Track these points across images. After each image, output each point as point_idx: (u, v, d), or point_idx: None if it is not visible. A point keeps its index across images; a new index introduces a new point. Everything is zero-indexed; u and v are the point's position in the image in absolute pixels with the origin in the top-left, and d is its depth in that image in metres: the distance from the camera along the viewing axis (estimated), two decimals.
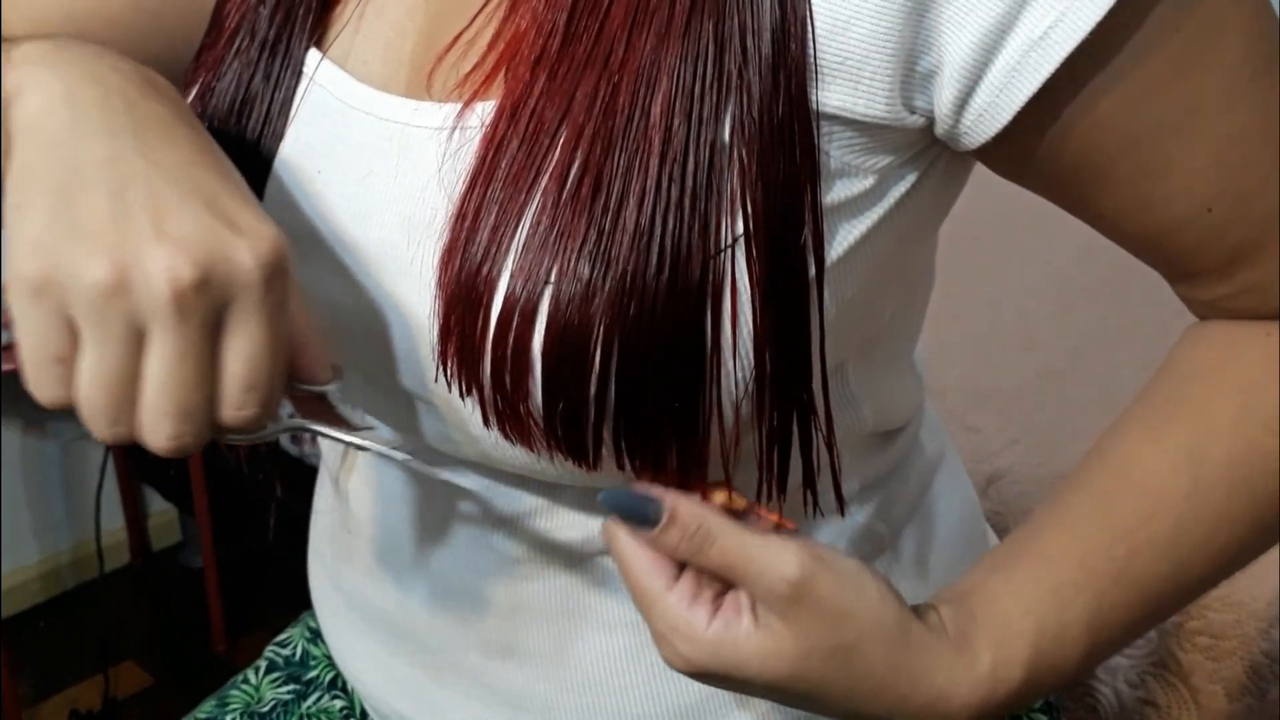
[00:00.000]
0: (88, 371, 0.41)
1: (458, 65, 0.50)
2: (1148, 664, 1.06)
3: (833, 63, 0.44)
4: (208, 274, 0.40)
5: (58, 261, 0.40)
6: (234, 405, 0.43)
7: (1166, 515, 0.50)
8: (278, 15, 0.55)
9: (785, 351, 0.46)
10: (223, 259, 0.41)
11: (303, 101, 0.54)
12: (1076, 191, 0.49)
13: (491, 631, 0.60)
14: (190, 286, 0.40)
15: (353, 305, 0.52)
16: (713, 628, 0.47)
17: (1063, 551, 0.51)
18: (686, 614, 0.47)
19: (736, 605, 0.47)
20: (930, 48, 0.44)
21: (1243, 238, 0.49)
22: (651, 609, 0.48)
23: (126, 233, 0.40)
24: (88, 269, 0.40)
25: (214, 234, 0.41)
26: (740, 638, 0.46)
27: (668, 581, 0.47)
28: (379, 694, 0.68)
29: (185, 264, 0.40)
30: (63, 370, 0.41)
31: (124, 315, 0.40)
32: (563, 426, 0.47)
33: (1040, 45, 0.43)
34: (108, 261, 0.40)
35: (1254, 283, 0.50)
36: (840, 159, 0.46)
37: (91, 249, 0.40)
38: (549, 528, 0.57)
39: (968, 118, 0.45)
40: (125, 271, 0.40)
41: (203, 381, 0.42)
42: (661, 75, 0.44)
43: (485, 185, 0.46)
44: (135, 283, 0.40)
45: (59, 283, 0.40)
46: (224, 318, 0.42)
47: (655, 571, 0.47)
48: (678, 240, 0.44)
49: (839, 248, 0.48)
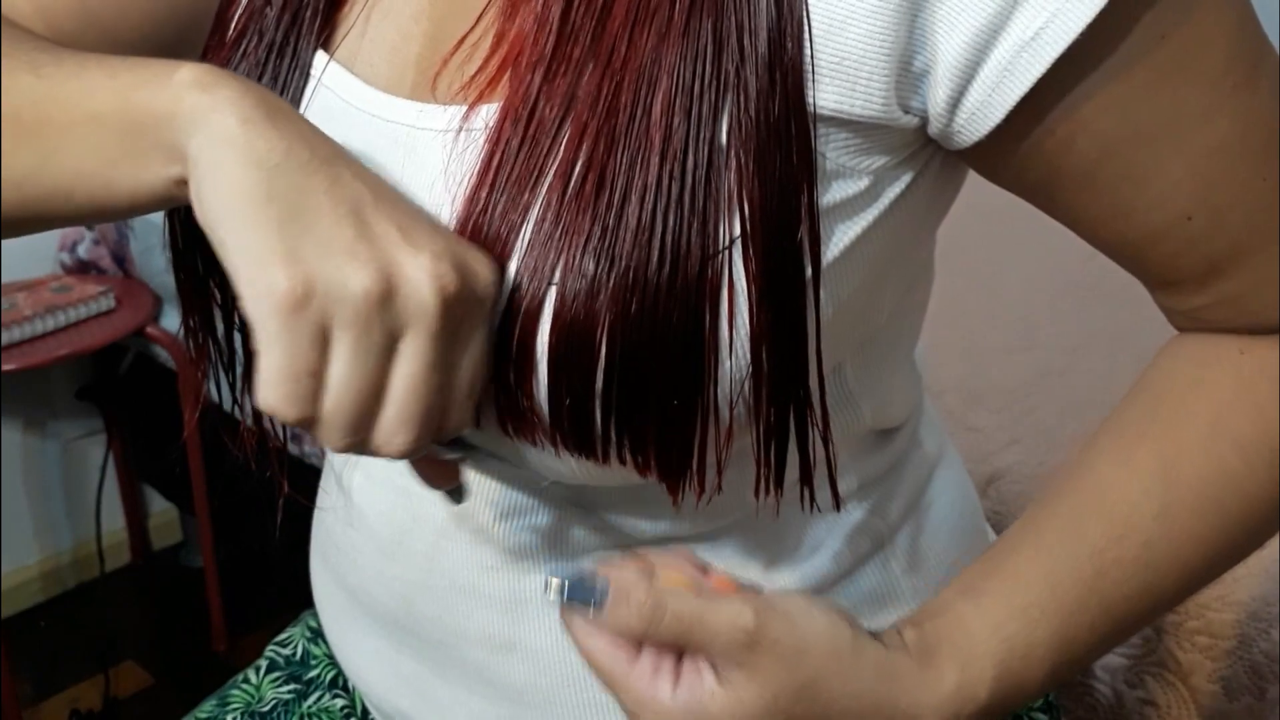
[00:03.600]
0: (341, 383, 0.41)
1: (462, 68, 0.50)
2: (1147, 664, 1.06)
3: (829, 63, 0.44)
4: (464, 283, 0.42)
5: (320, 273, 0.40)
6: (460, 411, 0.44)
7: (1135, 536, 0.51)
8: (284, 17, 0.55)
9: (781, 349, 0.47)
10: (470, 271, 0.43)
11: (310, 103, 0.54)
12: (1059, 196, 0.50)
13: (494, 627, 0.61)
14: (455, 294, 0.42)
15: None
16: (678, 697, 0.47)
17: (1031, 573, 0.51)
18: (650, 689, 0.48)
19: (696, 669, 0.48)
20: (923, 47, 0.44)
21: (1220, 249, 0.49)
22: (619, 690, 0.48)
23: (382, 247, 0.41)
24: (355, 278, 0.40)
25: (456, 249, 0.43)
26: (706, 699, 0.47)
27: (629, 659, 0.48)
28: (381, 691, 0.68)
29: (449, 271, 0.42)
30: (313, 384, 0.41)
31: (387, 324, 0.41)
32: (568, 421, 0.47)
33: (1032, 45, 0.43)
34: (374, 270, 0.41)
35: (1229, 294, 0.51)
36: (836, 160, 0.46)
37: (353, 259, 0.41)
38: (551, 523, 0.58)
39: (960, 116, 0.46)
40: (391, 280, 0.41)
41: (445, 389, 0.43)
42: (662, 74, 0.44)
43: (491, 185, 0.46)
44: (401, 290, 0.41)
45: (322, 294, 0.40)
46: (460, 329, 0.43)
47: (615, 653, 0.48)
48: (677, 237, 0.44)
49: (835, 248, 0.48)
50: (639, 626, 0.47)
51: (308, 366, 0.41)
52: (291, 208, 0.41)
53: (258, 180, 0.42)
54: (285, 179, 0.42)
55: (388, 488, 0.63)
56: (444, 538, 0.61)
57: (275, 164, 0.42)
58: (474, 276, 0.43)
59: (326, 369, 0.42)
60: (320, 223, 0.41)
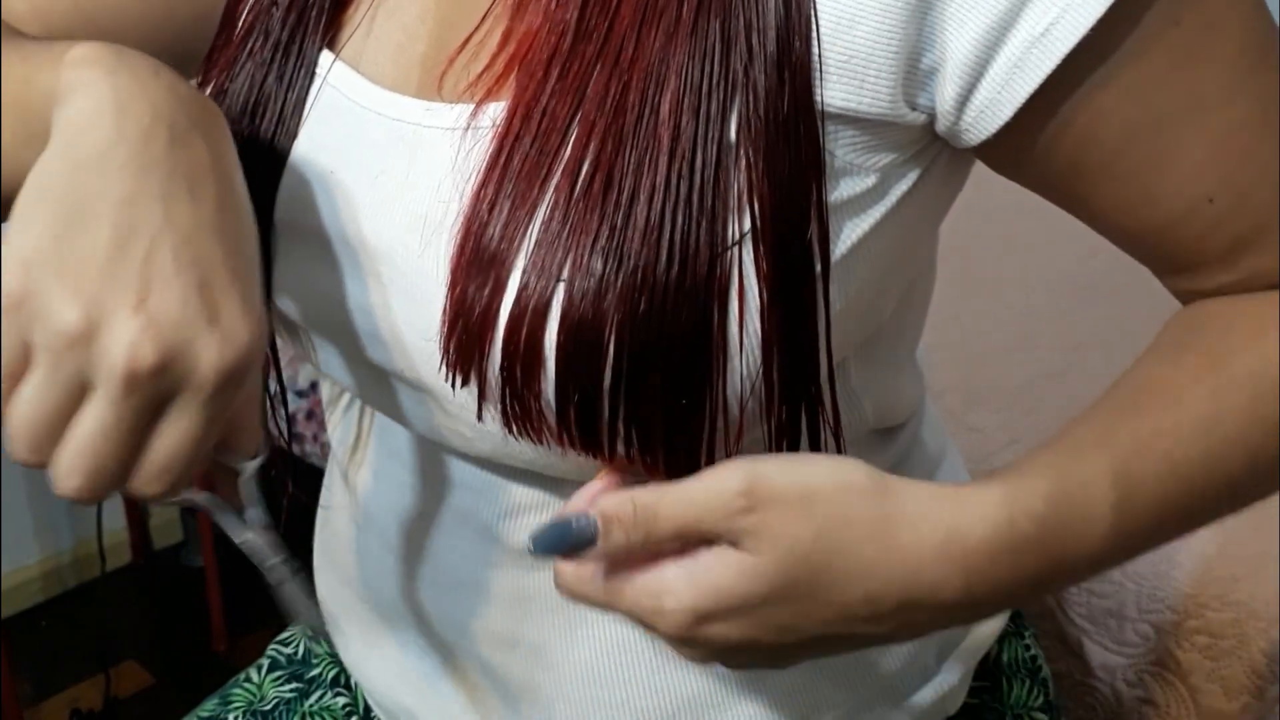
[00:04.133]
0: (25, 397, 0.41)
1: (469, 66, 0.50)
2: (1146, 663, 1.06)
3: (837, 61, 0.45)
4: (167, 363, 0.40)
5: (37, 289, 0.40)
6: (144, 480, 0.43)
7: (1191, 408, 0.48)
8: (290, 16, 0.55)
9: (791, 347, 0.47)
10: (187, 354, 0.40)
11: (315, 102, 0.55)
12: (1078, 188, 0.50)
13: (497, 624, 0.61)
14: (147, 371, 0.40)
15: (365, 303, 0.52)
16: (683, 566, 0.44)
17: (1081, 432, 0.48)
18: (654, 573, 0.45)
19: (706, 551, 0.45)
20: (932, 45, 0.44)
21: (1245, 226, 0.49)
22: (626, 597, 0.46)
23: (112, 287, 0.40)
24: (61, 309, 0.39)
25: (189, 324, 0.40)
26: (712, 563, 0.44)
27: (627, 576, 0.46)
28: (384, 688, 0.68)
29: (149, 346, 0.40)
30: (10, 387, 0.41)
31: (76, 366, 0.40)
32: (576, 420, 0.47)
33: (1042, 42, 0.43)
34: (82, 310, 0.40)
35: (1258, 269, 0.51)
36: (844, 158, 0.47)
37: (73, 291, 0.40)
38: None
39: (969, 114, 0.46)
40: (94, 327, 0.40)
41: (123, 454, 0.42)
42: (670, 73, 0.45)
43: (499, 183, 0.47)
44: (98, 343, 0.40)
45: (30, 309, 0.40)
46: (166, 402, 0.41)
47: (614, 576, 0.46)
48: (687, 236, 0.44)
49: (844, 245, 0.48)
50: (638, 537, 0.44)
51: (8, 369, 0.40)
52: (72, 211, 0.40)
53: (58, 174, 0.41)
54: (83, 180, 0.41)
55: (393, 485, 0.63)
56: (448, 535, 0.61)
57: (83, 161, 0.41)
58: (187, 359, 0.40)
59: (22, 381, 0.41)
60: (84, 238, 0.40)
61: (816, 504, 0.44)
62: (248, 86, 0.55)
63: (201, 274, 0.41)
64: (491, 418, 0.49)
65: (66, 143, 0.42)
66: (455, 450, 0.56)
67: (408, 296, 0.50)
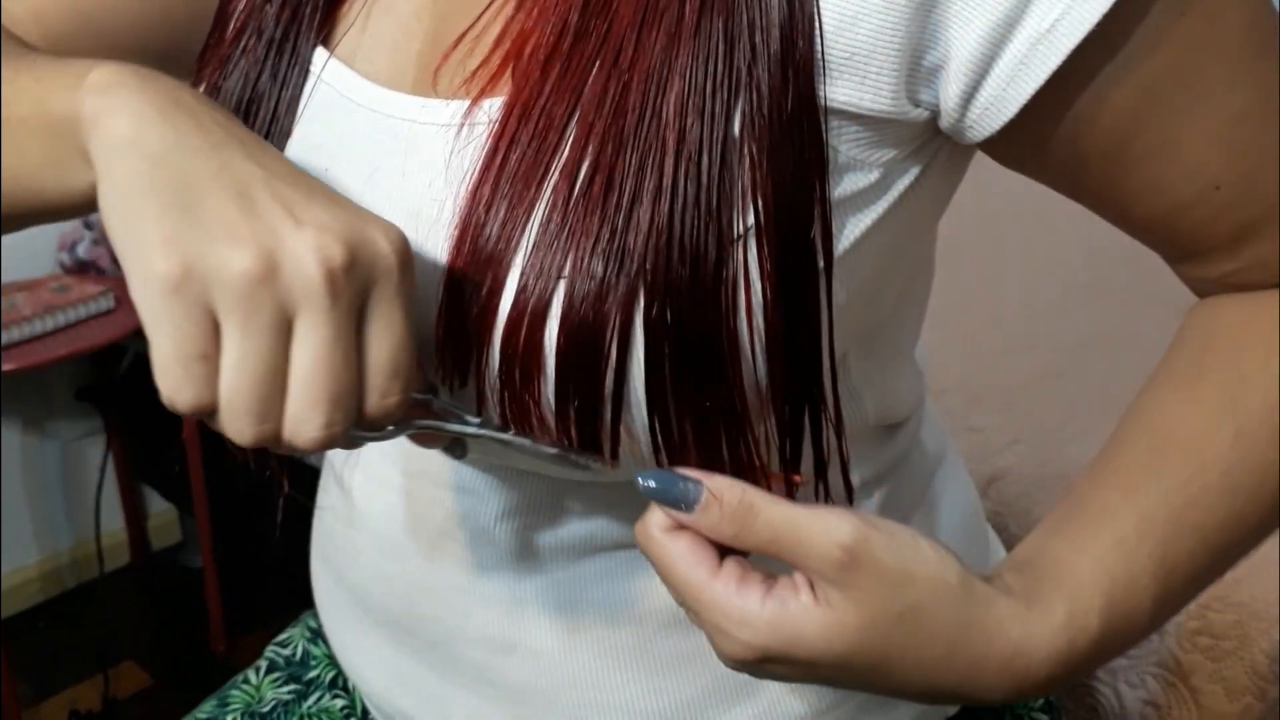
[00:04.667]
0: (234, 365, 0.40)
1: (464, 63, 0.50)
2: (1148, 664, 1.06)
3: (840, 58, 0.44)
4: (354, 255, 0.40)
5: (198, 254, 0.39)
6: (380, 393, 0.42)
7: (1215, 465, 0.49)
8: (284, 14, 0.55)
9: (797, 343, 0.47)
10: (365, 241, 0.41)
11: (310, 100, 0.54)
12: (1084, 179, 0.50)
13: (494, 627, 0.61)
14: (341, 266, 0.40)
15: None
16: (768, 607, 0.44)
17: (1119, 506, 0.49)
18: (737, 598, 0.45)
19: (792, 584, 0.45)
20: (936, 42, 0.44)
21: (1250, 214, 0.50)
22: (699, 600, 0.45)
23: (264, 224, 0.40)
24: (233, 259, 0.39)
25: (352, 219, 0.41)
26: (798, 613, 0.44)
27: (711, 570, 0.45)
28: (381, 691, 0.68)
29: (334, 244, 0.40)
30: (206, 368, 0.40)
31: (273, 303, 0.40)
32: (576, 423, 0.47)
33: (1047, 38, 0.43)
34: (254, 249, 0.39)
35: (1261, 257, 0.51)
36: (847, 153, 0.47)
37: (232, 239, 0.40)
38: (552, 523, 0.58)
39: (974, 112, 0.46)
40: (272, 257, 0.40)
41: (351, 366, 0.41)
42: (673, 74, 0.44)
43: (495, 181, 0.46)
44: (284, 268, 0.40)
45: (201, 276, 0.39)
46: (365, 304, 0.42)
47: (696, 560, 0.45)
48: (695, 237, 0.44)
49: (846, 240, 0.48)
50: (729, 529, 0.44)
51: (195, 350, 0.40)
52: (176, 195, 0.41)
53: (142, 172, 0.41)
54: (171, 168, 0.41)
55: (388, 487, 0.63)
56: (444, 538, 0.61)
57: (161, 155, 0.41)
58: (369, 248, 0.41)
59: (220, 354, 0.40)
60: (205, 206, 0.40)
61: (909, 589, 0.44)
62: (241, 84, 0.55)
63: (324, 194, 0.42)
64: (491, 419, 0.49)
65: (127, 152, 0.42)
66: None
67: None
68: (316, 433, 0.41)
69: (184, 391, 0.40)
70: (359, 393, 0.42)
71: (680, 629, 0.59)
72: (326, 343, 0.40)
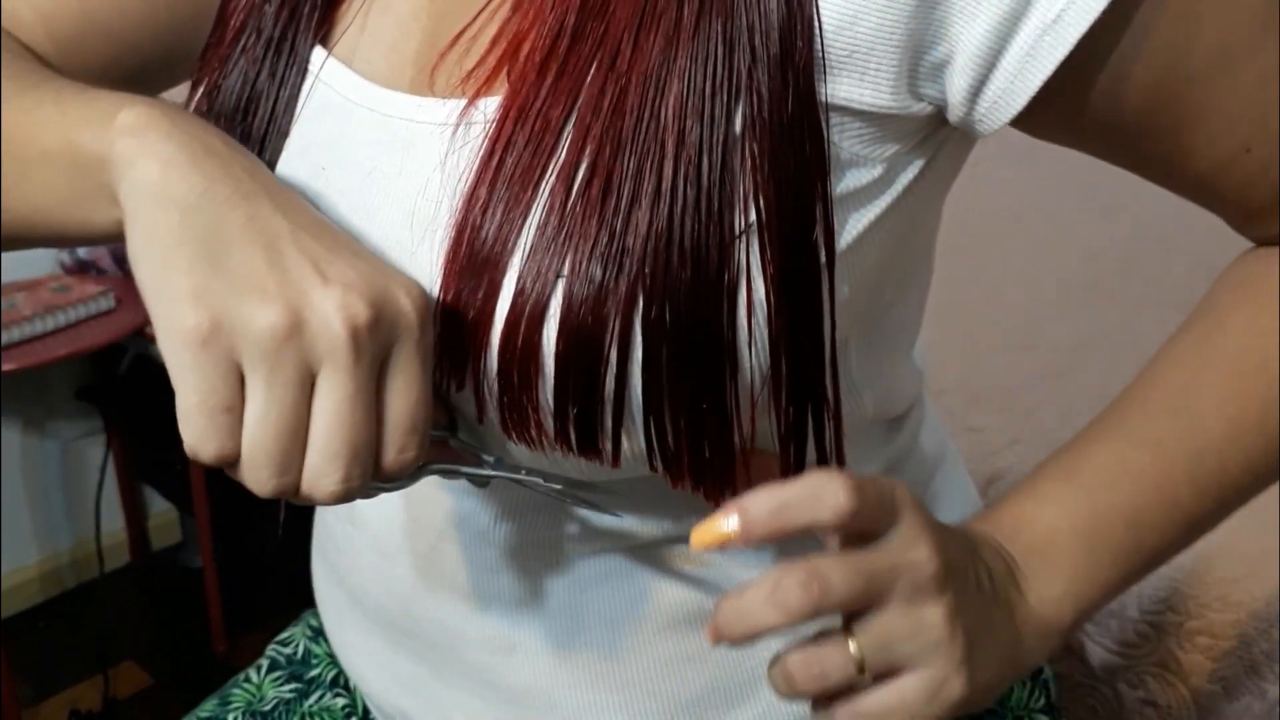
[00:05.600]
0: (258, 419, 0.41)
1: (461, 62, 0.50)
2: (1148, 664, 1.06)
3: (840, 55, 0.44)
4: (379, 313, 0.41)
5: (225, 309, 0.40)
6: (397, 448, 0.43)
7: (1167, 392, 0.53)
8: (283, 14, 0.55)
9: (799, 342, 0.47)
10: (389, 300, 0.42)
11: (308, 99, 0.54)
12: (1112, 147, 0.51)
13: (494, 629, 0.61)
14: (365, 324, 0.41)
15: None
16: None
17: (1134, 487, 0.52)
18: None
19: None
20: (942, 38, 0.44)
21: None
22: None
23: (291, 280, 0.41)
24: (260, 314, 0.40)
25: (376, 277, 0.42)
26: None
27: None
28: (381, 691, 0.68)
29: (359, 303, 0.41)
30: (231, 420, 0.41)
31: (297, 358, 0.41)
32: (575, 426, 0.47)
33: (1054, 28, 0.43)
34: (280, 305, 0.40)
35: None
36: (850, 149, 0.47)
37: (260, 295, 0.40)
38: (551, 524, 0.58)
39: (982, 105, 0.46)
40: (299, 314, 0.40)
41: (371, 422, 0.42)
42: (672, 77, 0.44)
43: (491, 183, 0.46)
44: (310, 325, 0.41)
45: (229, 330, 0.40)
46: (386, 361, 0.42)
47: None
48: (697, 239, 0.44)
49: (850, 235, 0.48)
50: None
51: (221, 402, 0.41)
52: (205, 246, 0.41)
53: (172, 221, 0.42)
54: (200, 218, 0.42)
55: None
56: (444, 539, 0.61)
57: (191, 204, 0.42)
58: (392, 305, 0.42)
59: (244, 407, 0.41)
60: (233, 259, 0.41)
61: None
62: (240, 84, 0.55)
63: (349, 248, 0.43)
64: (489, 420, 0.49)
65: (156, 198, 0.42)
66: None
67: None
68: (335, 486, 0.42)
69: (209, 443, 0.41)
70: (377, 447, 0.43)
71: (679, 630, 0.59)
72: (348, 399, 0.41)
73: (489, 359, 0.47)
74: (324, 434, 0.42)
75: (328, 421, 0.41)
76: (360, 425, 0.42)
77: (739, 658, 0.59)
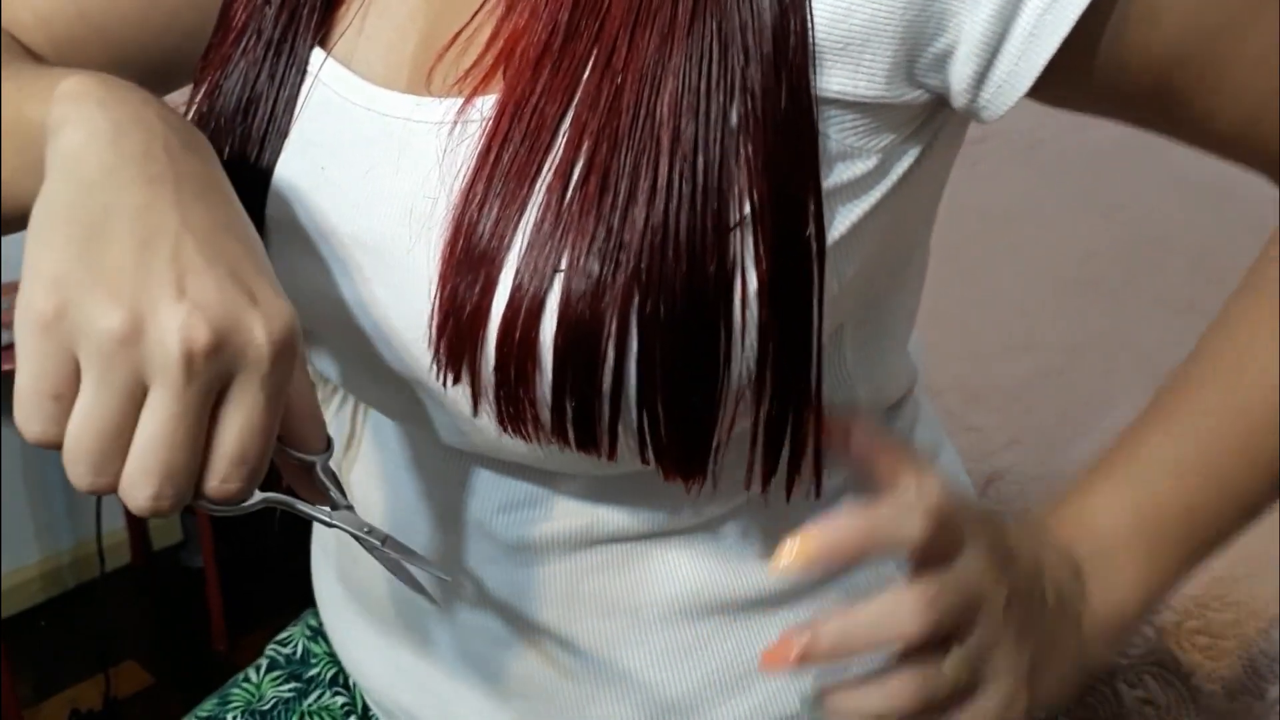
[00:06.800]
0: (82, 414, 0.40)
1: (458, 62, 0.50)
2: (1147, 664, 1.06)
3: (834, 48, 0.45)
4: (221, 341, 0.40)
5: (74, 300, 0.40)
6: (219, 477, 0.42)
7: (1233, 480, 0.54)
8: (283, 15, 0.56)
9: (789, 337, 0.47)
10: (238, 329, 0.41)
11: (307, 100, 0.55)
12: (1133, 113, 0.51)
13: (493, 620, 0.61)
14: (202, 350, 0.40)
15: (356, 299, 0.52)
16: None
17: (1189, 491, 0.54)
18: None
19: None
20: (943, 29, 0.44)
21: None
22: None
23: (148, 285, 0.40)
24: (104, 314, 0.40)
25: (233, 303, 0.41)
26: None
27: None
28: (381, 686, 0.68)
29: (201, 326, 0.40)
30: (57, 408, 0.41)
31: (130, 366, 0.40)
32: (573, 421, 0.47)
33: (1055, 6, 0.43)
34: (125, 309, 0.40)
35: None
36: (844, 142, 0.47)
37: (110, 294, 0.40)
38: (550, 516, 0.58)
39: (986, 92, 0.46)
40: (140, 322, 0.40)
41: (193, 447, 0.41)
42: (667, 75, 0.45)
43: (488, 180, 0.47)
44: (148, 336, 0.40)
45: (71, 321, 0.40)
46: (226, 388, 0.41)
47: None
48: (693, 235, 0.44)
49: (844, 227, 0.48)
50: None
51: (51, 389, 0.40)
52: (85, 229, 0.41)
53: (69, 196, 0.41)
54: (94, 198, 0.41)
55: (387, 482, 0.63)
56: (442, 532, 0.61)
57: (92, 181, 0.42)
58: (240, 335, 0.41)
59: (74, 399, 0.41)
60: (104, 248, 0.41)
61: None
62: (241, 85, 0.56)
63: (229, 265, 0.42)
64: (487, 415, 0.49)
65: (68, 169, 0.42)
66: (450, 447, 0.56)
67: (399, 292, 0.51)
68: (144, 501, 0.42)
69: (33, 425, 0.41)
70: (198, 472, 0.42)
71: (677, 622, 0.59)
72: (171, 419, 0.40)
73: (485, 354, 0.47)
74: (142, 448, 0.41)
75: (148, 436, 0.41)
76: (179, 447, 0.41)
77: (736, 650, 0.59)
